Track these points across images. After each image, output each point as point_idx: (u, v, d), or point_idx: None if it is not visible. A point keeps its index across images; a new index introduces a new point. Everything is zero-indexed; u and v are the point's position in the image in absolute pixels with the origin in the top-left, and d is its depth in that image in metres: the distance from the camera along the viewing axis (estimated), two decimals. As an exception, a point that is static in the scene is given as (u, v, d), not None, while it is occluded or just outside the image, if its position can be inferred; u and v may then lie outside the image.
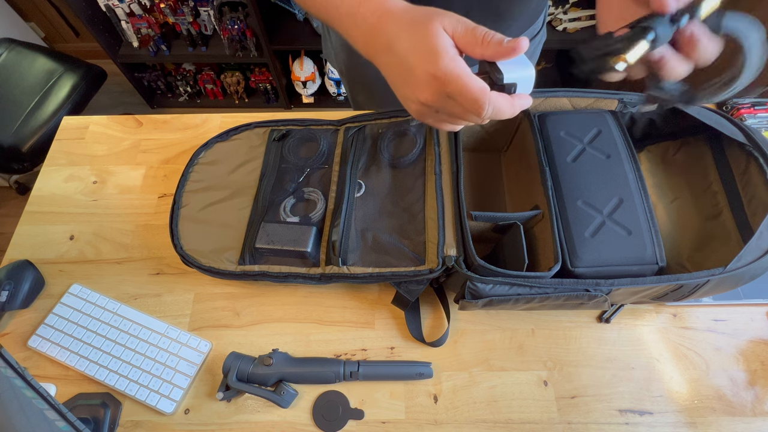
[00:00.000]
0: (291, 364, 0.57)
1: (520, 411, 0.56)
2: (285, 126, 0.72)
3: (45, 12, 1.93)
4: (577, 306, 0.53)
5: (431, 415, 0.56)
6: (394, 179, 0.64)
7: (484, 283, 0.50)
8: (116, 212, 0.72)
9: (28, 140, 1.35)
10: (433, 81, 0.34)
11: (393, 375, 0.58)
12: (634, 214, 0.52)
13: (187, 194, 0.67)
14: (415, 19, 0.35)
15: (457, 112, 0.36)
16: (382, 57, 0.38)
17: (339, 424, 0.55)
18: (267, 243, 0.60)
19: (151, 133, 0.80)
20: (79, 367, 0.59)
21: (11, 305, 0.61)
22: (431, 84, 0.34)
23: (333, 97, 1.97)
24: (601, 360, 0.59)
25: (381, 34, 0.37)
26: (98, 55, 1.81)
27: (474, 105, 0.33)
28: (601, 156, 0.57)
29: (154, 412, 0.57)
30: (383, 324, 0.62)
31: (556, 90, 0.62)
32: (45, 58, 1.47)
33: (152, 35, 1.69)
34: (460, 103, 0.34)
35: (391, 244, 0.58)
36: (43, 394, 0.38)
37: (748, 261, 0.47)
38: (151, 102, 2.03)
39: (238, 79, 1.91)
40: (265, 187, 0.66)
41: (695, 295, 0.51)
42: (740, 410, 0.55)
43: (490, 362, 0.59)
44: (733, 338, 0.60)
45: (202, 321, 0.63)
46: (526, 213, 0.55)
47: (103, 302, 0.63)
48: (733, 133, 0.54)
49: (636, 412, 0.55)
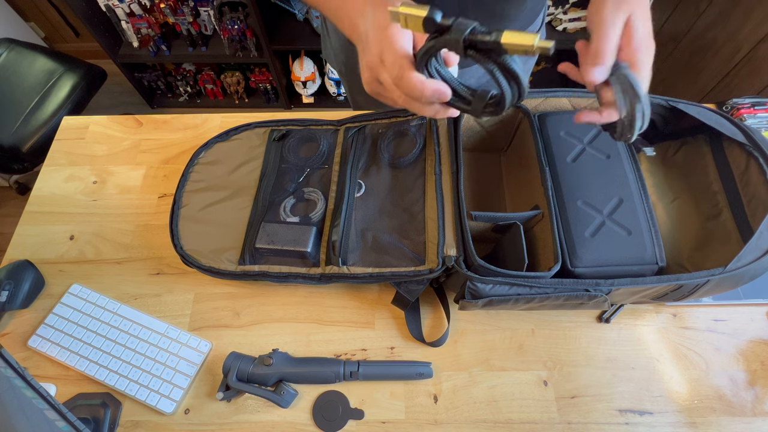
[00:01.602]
0: (291, 364, 0.57)
1: (520, 411, 0.56)
2: (285, 126, 0.72)
3: (45, 12, 1.93)
4: (577, 306, 0.53)
5: (431, 415, 0.56)
6: (394, 179, 0.64)
7: (484, 283, 0.50)
8: (116, 212, 0.72)
9: (28, 140, 1.35)
10: (375, 46, 0.39)
11: (393, 375, 0.58)
12: (634, 214, 0.52)
13: (187, 194, 0.67)
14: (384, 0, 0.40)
15: (384, 78, 0.39)
16: (356, 34, 0.43)
17: (339, 424, 0.55)
18: (267, 243, 0.60)
19: (151, 133, 0.80)
20: (79, 367, 0.59)
21: (11, 305, 0.61)
22: (374, 50, 0.39)
23: (333, 97, 1.96)
24: (601, 360, 0.59)
25: (360, 14, 0.42)
26: (98, 55, 1.81)
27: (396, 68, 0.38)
28: (601, 156, 0.57)
29: (154, 412, 0.57)
30: (383, 324, 0.62)
31: (556, 90, 0.62)
32: (45, 58, 1.47)
33: (152, 35, 1.69)
34: (388, 68, 0.38)
35: (391, 244, 0.58)
36: (43, 394, 0.38)
37: (748, 261, 0.47)
38: (151, 102, 2.03)
39: (238, 79, 1.91)
40: (265, 187, 0.66)
41: (695, 295, 0.51)
42: (740, 410, 0.55)
43: (490, 362, 0.59)
44: (733, 338, 0.60)
45: (202, 321, 0.63)
46: (526, 213, 0.55)
47: (103, 302, 0.63)
48: (733, 133, 0.54)
49: (636, 412, 0.55)
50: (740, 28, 1.09)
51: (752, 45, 1.06)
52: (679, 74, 1.34)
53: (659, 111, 0.61)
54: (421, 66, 0.37)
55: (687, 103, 0.58)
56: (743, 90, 1.11)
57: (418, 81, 0.37)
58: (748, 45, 1.07)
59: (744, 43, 1.09)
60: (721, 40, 1.16)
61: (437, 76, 0.38)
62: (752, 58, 1.07)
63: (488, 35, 0.33)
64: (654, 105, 0.60)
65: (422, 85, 0.37)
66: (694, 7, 1.24)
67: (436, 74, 0.38)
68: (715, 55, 1.19)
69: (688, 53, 1.29)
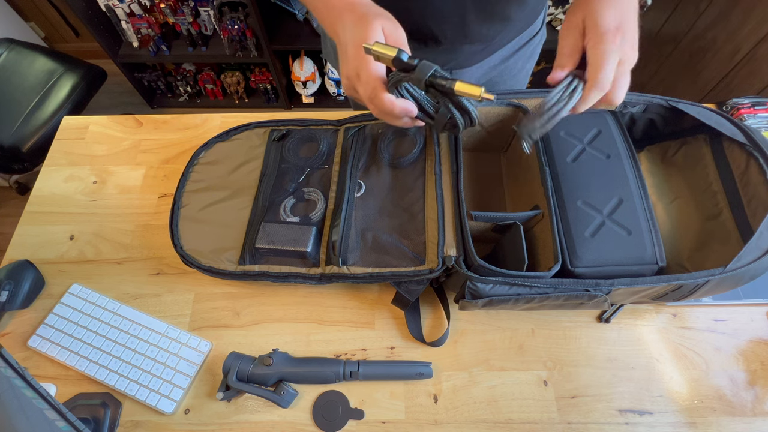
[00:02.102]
0: (291, 364, 0.57)
1: (520, 411, 0.56)
2: (285, 126, 0.72)
3: (45, 12, 1.93)
4: (577, 306, 0.53)
5: (431, 415, 0.56)
6: (394, 179, 0.64)
7: (484, 283, 0.50)
8: (116, 212, 0.72)
9: (28, 140, 1.35)
10: (353, 61, 0.44)
11: (393, 375, 0.58)
12: (634, 214, 0.52)
13: (187, 194, 0.67)
14: (365, 14, 0.44)
15: (360, 91, 0.45)
16: (336, 40, 0.47)
17: (339, 424, 0.55)
18: (267, 243, 0.60)
19: (151, 133, 0.80)
20: (79, 367, 0.59)
21: (11, 305, 0.61)
22: (351, 64, 0.44)
23: (333, 97, 1.96)
24: (601, 360, 0.59)
25: (339, 20, 0.45)
26: (98, 55, 1.81)
27: (369, 89, 0.43)
28: (601, 156, 0.57)
29: (154, 412, 0.57)
30: (383, 324, 0.62)
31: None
32: (45, 58, 1.47)
33: (152, 35, 1.69)
34: (362, 85, 0.44)
35: (391, 244, 0.58)
36: (43, 394, 0.38)
37: (748, 261, 0.47)
38: (151, 102, 2.03)
39: (238, 79, 1.91)
40: (265, 187, 0.66)
41: (695, 295, 0.51)
42: (740, 410, 0.55)
43: (490, 362, 0.59)
44: (733, 338, 0.60)
45: (202, 321, 0.63)
46: (526, 213, 0.55)
47: (103, 302, 0.63)
48: (733, 133, 0.54)
49: (636, 412, 0.55)
50: (740, 28, 1.09)
51: (752, 45, 1.06)
52: (679, 74, 1.34)
53: (659, 111, 0.61)
54: (392, 89, 0.44)
55: (687, 103, 0.58)
56: (743, 90, 1.10)
57: (389, 101, 0.43)
58: (748, 45, 1.07)
59: (744, 43, 1.08)
60: (721, 40, 1.16)
61: (407, 95, 0.45)
62: (752, 58, 1.07)
63: (445, 80, 0.41)
64: (654, 105, 0.60)
65: (392, 105, 0.43)
66: (694, 7, 1.24)
67: (405, 93, 0.45)
68: (715, 55, 1.18)
69: (688, 53, 1.29)
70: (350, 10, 0.45)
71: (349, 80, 0.45)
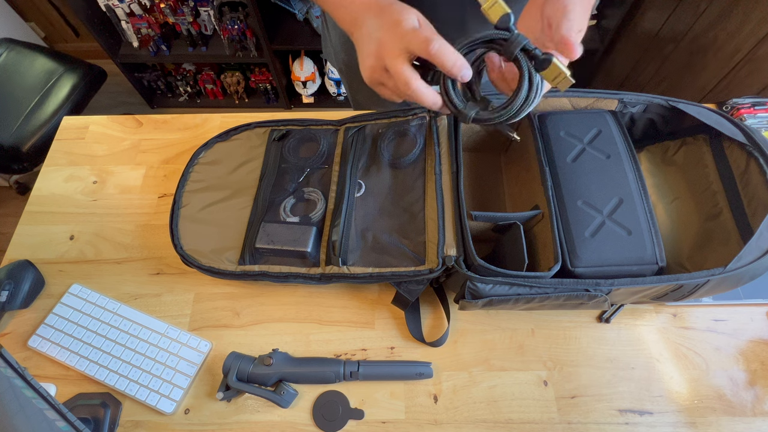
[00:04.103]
0: (291, 364, 0.57)
1: (520, 411, 0.56)
2: (285, 126, 0.72)
3: (45, 12, 1.93)
4: (577, 306, 0.53)
5: (431, 415, 0.56)
6: (394, 179, 0.64)
7: (484, 283, 0.50)
8: (116, 212, 0.72)
9: (28, 140, 1.35)
10: (390, 39, 0.42)
11: (393, 375, 0.58)
12: (634, 214, 0.52)
13: (187, 194, 0.67)
14: (392, 3, 0.43)
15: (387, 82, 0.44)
16: (358, 31, 0.46)
17: (339, 424, 0.55)
18: (267, 243, 0.60)
19: (151, 133, 0.80)
20: (79, 367, 0.59)
21: (11, 305, 0.61)
22: (388, 43, 0.43)
23: (333, 97, 1.96)
24: (601, 360, 0.59)
25: (366, 11, 0.45)
26: (98, 55, 1.81)
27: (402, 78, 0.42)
28: (601, 156, 0.57)
29: (154, 412, 0.57)
30: (383, 324, 0.62)
31: (556, 90, 0.62)
32: (45, 58, 1.47)
33: (152, 35, 1.69)
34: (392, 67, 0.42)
35: (391, 244, 0.58)
36: (43, 394, 0.38)
37: (748, 261, 0.47)
38: (151, 102, 2.03)
39: (238, 79, 1.91)
40: (265, 187, 0.66)
41: (695, 295, 0.51)
42: (740, 410, 0.55)
43: (490, 362, 0.59)
44: (733, 338, 0.60)
45: (202, 321, 0.63)
46: (526, 213, 0.55)
47: (103, 302, 0.63)
48: (733, 133, 0.54)
49: (636, 412, 0.55)
50: (740, 28, 1.09)
51: (752, 45, 1.06)
52: (679, 74, 1.34)
53: (659, 111, 0.61)
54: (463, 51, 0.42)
55: (687, 103, 0.58)
56: (743, 90, 1.10)
57: (424, 86, 0.42)
58: (748, 45, 1.07)
59: (744, 43, 1.08)
60: (721, 40, 1.16)
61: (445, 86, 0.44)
62: (752, 58, 1.07)
63: (541, 53, 0.40)
64: (654, 105, 0.60)
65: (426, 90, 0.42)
66: (694, 7, 1.24)
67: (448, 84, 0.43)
68: (715, 55, 1.18)
69: (688, 53, 1.29)
70: (376, 3, 0.45)
71: (379, 59, 0.44)
